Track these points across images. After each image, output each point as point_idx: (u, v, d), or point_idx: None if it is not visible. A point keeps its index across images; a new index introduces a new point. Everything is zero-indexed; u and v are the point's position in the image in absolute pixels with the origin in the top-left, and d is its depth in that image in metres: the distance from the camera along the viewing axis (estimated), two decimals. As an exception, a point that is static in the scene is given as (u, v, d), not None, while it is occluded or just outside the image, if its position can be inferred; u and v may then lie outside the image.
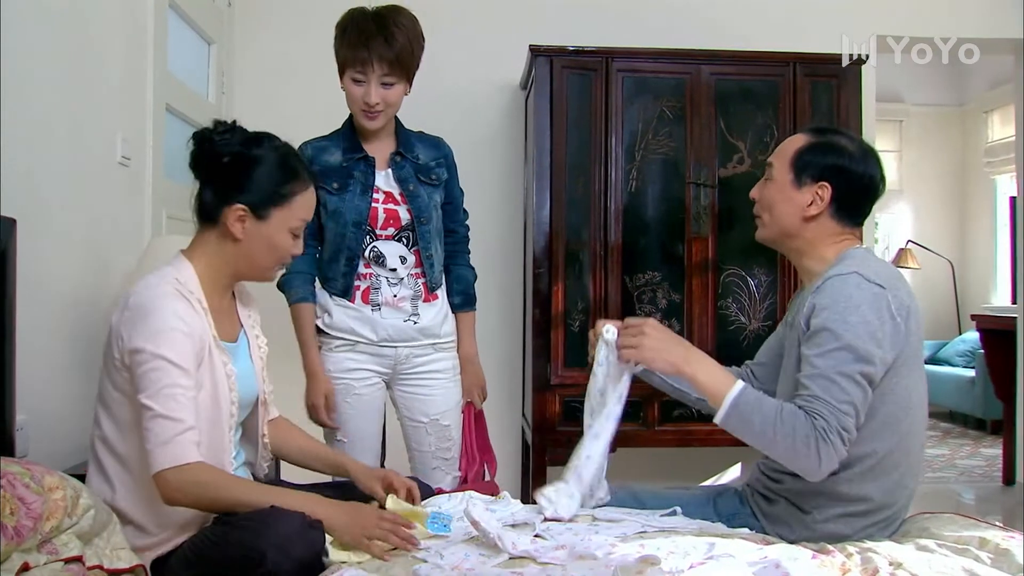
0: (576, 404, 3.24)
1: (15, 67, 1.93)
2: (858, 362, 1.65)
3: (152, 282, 1.72)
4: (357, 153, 2.27)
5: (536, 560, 1.58)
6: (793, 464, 1.68)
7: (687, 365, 1.77)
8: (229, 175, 1.75)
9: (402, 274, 2.28)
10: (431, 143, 2.36)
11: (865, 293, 1.68)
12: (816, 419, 1.63)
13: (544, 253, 3.23)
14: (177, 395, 1.61)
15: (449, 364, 2.37)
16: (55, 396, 2.18)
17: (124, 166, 2.59)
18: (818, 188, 1.81)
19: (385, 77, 2.19)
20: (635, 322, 1.84)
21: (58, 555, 1.43)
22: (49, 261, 2.14)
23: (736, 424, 1.71)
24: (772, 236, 1.89)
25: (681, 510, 1.89)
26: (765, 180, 1.90)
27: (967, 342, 6.57)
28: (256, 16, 3.71)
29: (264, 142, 1.79)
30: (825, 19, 3.73)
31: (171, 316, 1.65)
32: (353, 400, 2.31)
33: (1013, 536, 1.67)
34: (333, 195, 2.25)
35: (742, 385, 1.71)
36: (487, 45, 3.72)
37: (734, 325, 3.27)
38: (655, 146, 3.27)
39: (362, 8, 2.25)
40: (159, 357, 1.62)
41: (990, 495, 4.54)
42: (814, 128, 1.92)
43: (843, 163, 1.81)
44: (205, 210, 1.79)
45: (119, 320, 1.69)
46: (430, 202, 2.29)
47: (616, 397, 1.83)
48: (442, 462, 2.36)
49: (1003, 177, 7.01)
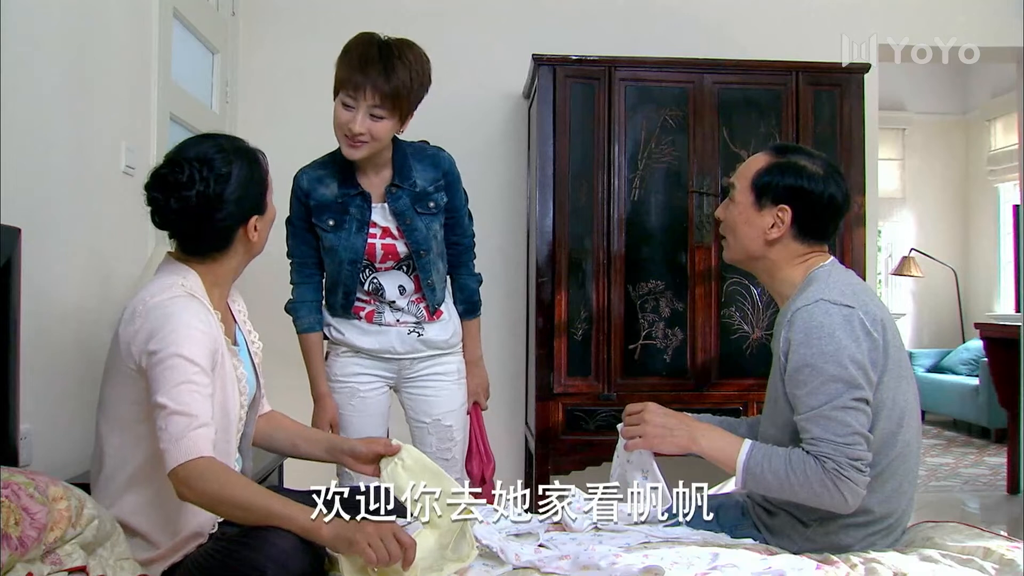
0: (579, 413, 3.27)
1: (19, 76, 1.93)
2: (849, 390, 1.65)
3: (158, 288, 1.67)
4: (352, 189, 2.21)
5: (540, 570, 1.58)
6: (821, 506, 1.69)
7: (694, 444, 1.79)
8: (232, 204, 1.68)
9: (401, 304, 2.29)
10: (430, 162, 2.28)
11: (835, 318, 1.67)
12: (826, 462, 1.63)
13: (547, 262, 3.23)
14: (192, 391, 1.57)
15: (454, 367, 2.39)
16: (59, 406, 2.18)
17: (128, 175, 2.59)
18: (778, 211, 1.79)
19: (375, 108, 2.09)
20: (635, 408, 1.86)
21: (62, 565, 1.43)
22: (53, 270, 2.15)
23: (754, 485, 1.74)
24: (738, 258, 1.89)
25: (684, 520, 1.89)
26: (728, 200, 1.88)
27: (971, 350, 6.56)
28: (260, 26, 3.72)
29: (216, 159, 1.68)
30: (827, 28, 3.73)
31: (188, 316, 1.62)
32: (357, 403, 2.33)
33: (1017, 546, 1.66)
34: (329, 232, 2.22)
35: (748, 447, 1.72)
36: (490, 54, 3.73)
37: (737, 334, 3.27)
38: (658, 155, 3.27)
39: (373, 34, 2.18)
40: (176, 355, 1.58)
41: (995, 504, 4.52)
42: (776, 147, 1.90)
43: (802, 184, 1.79)
44: (216, 244, 1.72)
45: (132, 330, 1.64)
46: (428, 233, 2.25)
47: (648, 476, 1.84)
48: (443, 463, 2.34)
49: (1006, 185, 7.01)
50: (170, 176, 1.65)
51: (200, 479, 1.54)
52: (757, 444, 1.74)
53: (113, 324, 1.75)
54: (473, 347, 2.44)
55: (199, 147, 1.69)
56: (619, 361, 3.22)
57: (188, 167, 1.65)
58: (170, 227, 1.71)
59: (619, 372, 3.22)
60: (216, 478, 1.55)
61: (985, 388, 5.77)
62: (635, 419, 1.85)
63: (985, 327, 4.98)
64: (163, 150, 2.80)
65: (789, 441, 1.75)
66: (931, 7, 3.88)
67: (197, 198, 1.64)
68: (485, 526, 1.68)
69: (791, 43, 3.62)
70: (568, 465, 3.20)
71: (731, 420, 2.01)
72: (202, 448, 1.55)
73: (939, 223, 7.47)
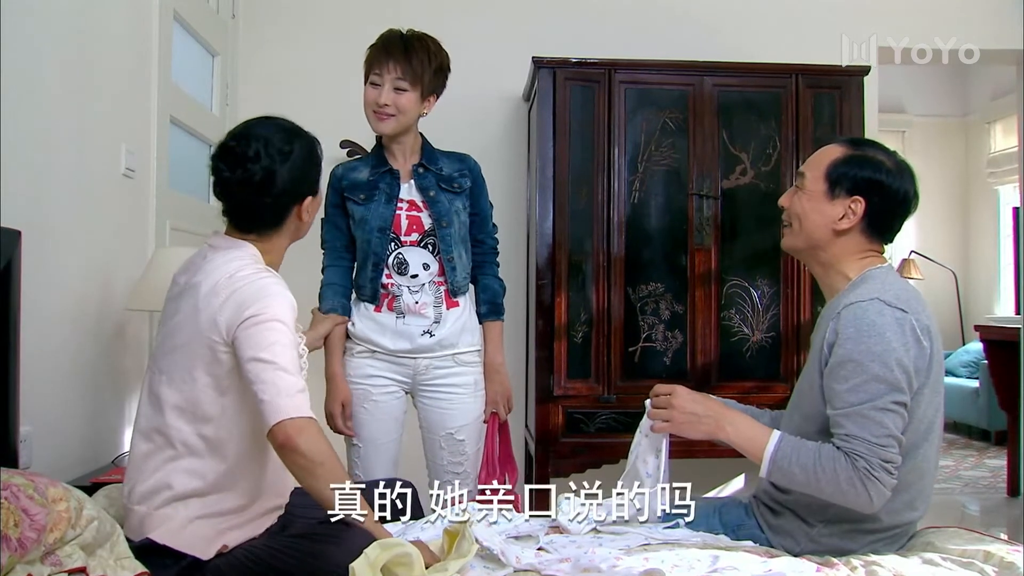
0: (579, 415, 3.27)
1: (20, 79, 1.94)
2: (890, 392, 1.64)
3: (236, 265, 1.67)
4: (383, 167, 2.35)
5: (540, 573, 1.58)
6: (845, 504, 1.68)
7: (721, 431, 1.77)
8: (291, 182, 1.72)
9: (423, 280, 2.32)
10: (456, 158, 2.43)
11: (887, 319, 1.66)
12: (857, 460, 1.62)
13: (547, 264, 3.23)
14: (294, 357, 1.61)
15: (471, 379, 2.38)
16: (59, 407, 2.18)
17: (128, 178, 2.60)
18: (851, 202, 1.78)
19: (398, 81, 2.25)
20: (663, 390, 1.84)
21: (62, 567, 1.43)
22: (54, 272, 2.15)
23: (779, 477, 1.71)
24: (800, 246, 1.86)
25: (684, 522, 1.88)
26: (796, 189, 1.86)
27: (971, 353, 6.56)
28: (260, 28, 3.72)
29: (280, 137, 1.73)
30: (827, 30, 3.73)
31: (279, 287, 1.67)
32: (370, 406, 2.34)
33: (1018, 549, 1.66)
34: (360, 205, 2.32)
35: (777, 438, 1.71)
36: (490, 57, 3.73)
37: (737, 336, 3.27)
38: (658, 157, 3.28)
39: (395, 28, 2.35)
40: (275, 319, 1.61)
41: (995, 506, 4.52)
42: (850, 140, 1.88)
43: (879, 178, 1.77)
44: (271, 220, 1.75)
45: (218, 303, 1.63)
46: (451, 208, 2.34)
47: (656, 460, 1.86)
48: (453, 475, 2.37)
49: (1006, 187, 7.00)
50: (238, 148, 1.70)
51: (313, 436, 1.56)
52: (786, 436, 1.72)
53: (113, 325, 1.75)
54: (494, 351, 2.43)
55: (264, 126, 1.75)
56: (619, 363, 3.22)
57: (255, 142, 1.70)
58: (230, 199, 1.74)
59: (619, 374, 3.22)
60: (324, 439, 1.58)
61: (985, 390, 5.77)
62: (663, 401, 1.82)
63: (985, 329, 4.98)
64: (163, 152, 2.82)
65: (814, 432, 1.73)
66: (931, 9, 3.88)
67: (261, 172, 1.69)
68: (485, 528, 1.68)
69: (791, 45, 3.62)
70: (568, 468, 3.20)
71: (754, 410, 1.99)
72: (309, 409, 1.59)
73: (939, 225, 7.47)
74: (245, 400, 1.64)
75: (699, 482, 3.61)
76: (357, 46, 2.35)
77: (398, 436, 2.40)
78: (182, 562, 1.60)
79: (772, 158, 3.27)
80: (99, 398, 2.44)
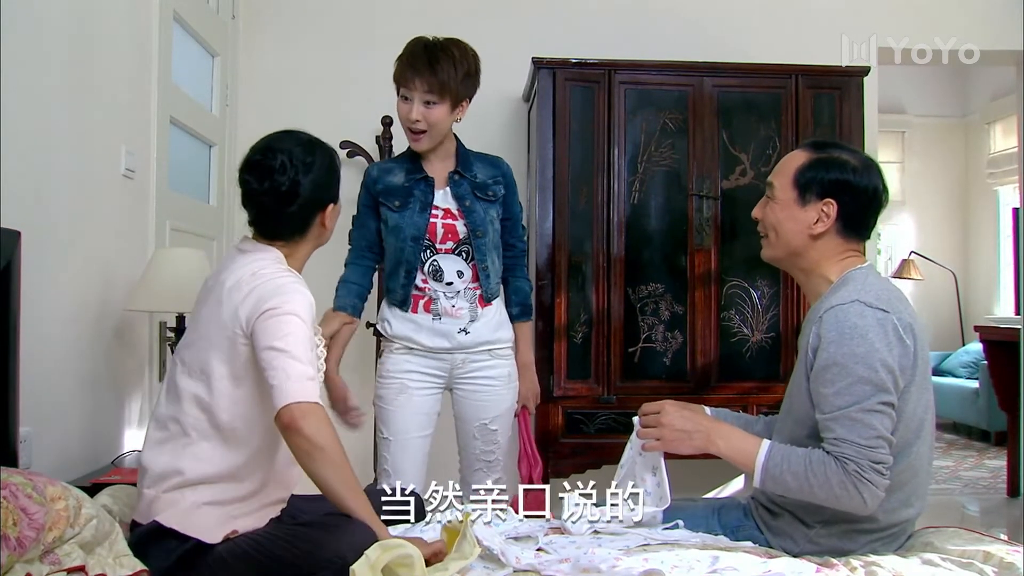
0: (579, 416, 3.27)
1: (20, 80, 1.94)
2: (876, 393, 1.64)
3: (260, 264, 1.74)
4: (418, 174, 2.36)
5: (540, 573, 1.58)
6: (839, 507, 1.68)
7: (711, 445, 1.79)
8: (314, 191, 1.78)
9: (458, 287, 2.35)
10: (490, 162, 2.45)
11: (869, 320, 1.67)
12: (847, 463, 1.63)
13: (547, 265, 3.23)
14: (307, 349, 1.65)
15: (505, 371, 2.42)
16: (59, 408, 2.18)
17: (128, 178, 2.60)
18: (823, 205, 1.79)
19: (426, 95, 2.26)
20: (652, 408, 1.85)
21: (61, 565, 1.43)
22: (53, 273, 2.15)
23: (773, 486, 1.73)
24: (779, 255, 1.88)
25: (683, 523, 1.89)
26: (767, 199, 1.87)
27: (970, 353, 6.55)
28: (260, 29, 3.72)
29: (302, 149, 1.80)
30: (827, 31, 3.73)
31: (299, 286, 1.72)
32: (404, 399, 2.36)
33: (1018, 550, 1.66)
34: (394, 212, 2.34)
35: (767, 448, 1.72)
36: (490, 57, 3.68)
37: (737, 337, 3.27)
38: (658, 158, 3.28)
39: (423, 36, 2.35)
40: (292, 314, 1.66)
41: (995, 507, 4.52)
42: (813, 143, 1.89)
43: (847, 177, 1.79)
44: (295, 227, 1.80)
45: (240, 296, 1.69)
46: (486, 217, 2.36)
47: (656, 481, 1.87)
48: (484, 464, 2.43)
49: (1006, 188, 7.01)
50: (264, 162, 1.76)
51: (318, 421, 1.59)
52: (776, 444, 1.73)
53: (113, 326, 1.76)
54: (526, 350, 2.50)
55: (286, 139, 1.81)
56: (619, 364, 3.22)
57: (280, 155, 1.76)
58: (257, 209, 1.79)
59: (619, 375, 3.22)
60: (329, 426, 1.62)
61: (985, 391, 5.77)
62: (652, 420, 1.84)
63: (985, 330, 4.97)
64: (163, 153, 2.82)
65: (805, 436, 1.74)
66: (931, 10, 3.89)
67: (287, 183, 1.75)
68: (485, 528, 1.69)
69: (791, 46, 3.62)
70: (568, 468, 3.20)
71: (747, 417, 2.00)
72: (316, 396, 1.62)
73: (939, 226, 7.47)
74: (259, 392, 1.68)
75: (698, 483, 3.64)
76: (357, 47, 2.36)
77: (429, 433, 2.40)
78: (185, 545, 1.63)
79: (772, 159, 3.26)
80: (99, 398, 2.44)
